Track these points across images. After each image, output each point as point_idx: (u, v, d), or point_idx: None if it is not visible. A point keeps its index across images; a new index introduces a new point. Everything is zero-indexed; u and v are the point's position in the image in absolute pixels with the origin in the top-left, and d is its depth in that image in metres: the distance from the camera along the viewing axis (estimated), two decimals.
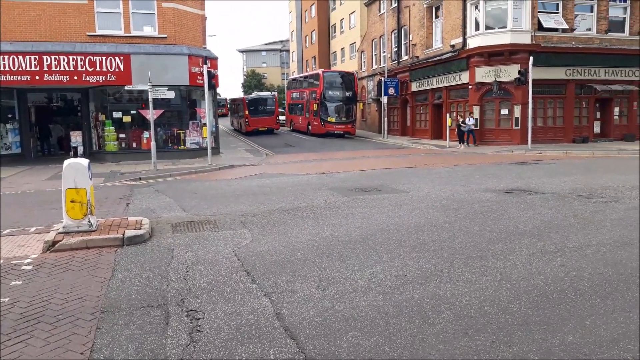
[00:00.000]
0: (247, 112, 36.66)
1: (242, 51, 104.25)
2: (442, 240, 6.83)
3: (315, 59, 58.66)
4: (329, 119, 32.39)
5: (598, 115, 26.12)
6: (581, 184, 11.44)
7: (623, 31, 25.62)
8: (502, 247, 6.39)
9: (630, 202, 9.13)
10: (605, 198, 9.64)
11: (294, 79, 43.52)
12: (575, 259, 5.86)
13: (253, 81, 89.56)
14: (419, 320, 4.28)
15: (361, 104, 38.56)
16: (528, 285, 5.03)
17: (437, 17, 29.22)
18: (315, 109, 32.70)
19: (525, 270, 5.47)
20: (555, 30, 24.38)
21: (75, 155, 18.56)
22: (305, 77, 39.17)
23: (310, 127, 34.17)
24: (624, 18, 25.71)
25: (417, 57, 30.75)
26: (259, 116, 36.65)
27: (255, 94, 45.16)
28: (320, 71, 34.64)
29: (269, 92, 51.02)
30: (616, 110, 26.06)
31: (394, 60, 34.46)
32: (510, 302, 4.61)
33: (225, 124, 47.47)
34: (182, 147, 21.43)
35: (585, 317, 4.25)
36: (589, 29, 25.21)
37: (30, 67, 18.51)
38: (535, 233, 7.07)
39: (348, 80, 33.83)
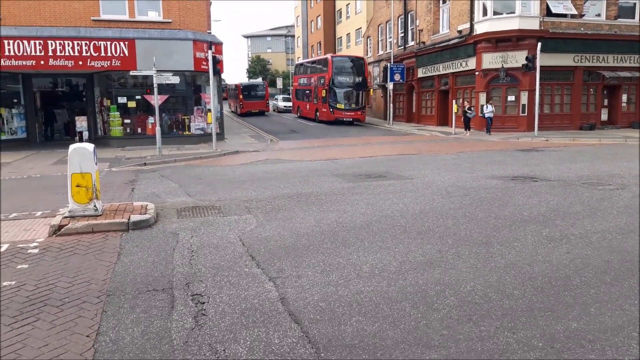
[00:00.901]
0: (241, 96, 43.18)
1: (247, 36, 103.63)
2: (446, 226, 6.82)
3: (320, 44, 58.24)
4: (338, 106, 31.29)
5: (606, 102, 25.87)
6: (588, 171, 11.37)
7: (633, 17, 25.26)
8: (507, 234, 6.38)
9: (637, 190, 9.06)
10: (611, 185, 9.58)
11: (300, 64, 41.90)
12: (580, 246, 5.84)
13: (258, 67, 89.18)
14: (423, 305, 4.29)
15: (371, 90, 36.75)
16: (533, 272, 5.02)
17: (444, 2, 28.88)
18: (323, 95, 31.68)
19: (530, 257, 5.46)
20: (564, 16, 24.06)
21: (81, 140, 18.60)
22: (313, 62, 38.15)
23: (318, 113, 33.34)
24: (635, 4, 25.33)
25: (423, 42, 30.46)
26: (251, 100, 43.11)
27: (248, 82, 52.88)
28: (329, 56, 33.55)
29: (260, 80, 56.76)
30: (624, 97, 25.81)
31: (400, 46, 34.16)
32: (515, 288, 4.61)
33: (224, 107, 47.69)
34: (187, 132, 21.41)
35: (590, 304, 4.24)
36: (598, 15, 24.87)
37: (35, 51, 18.45)
38: (541, 220, 7.05)
39: (358, 65, 32.63)
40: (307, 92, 36.28)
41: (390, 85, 31.30)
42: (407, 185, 10.13)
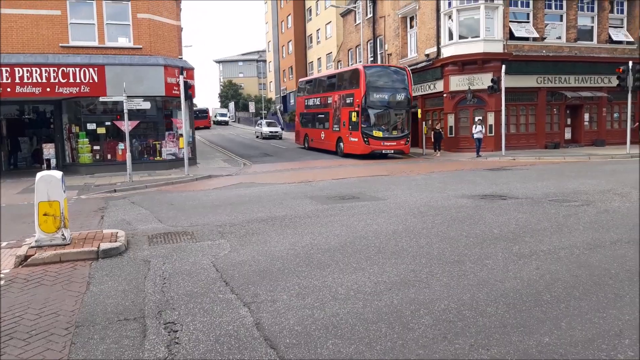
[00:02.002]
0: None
1: (218, 61, 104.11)
2: (420, 246, 6.89)
3: (292, 68, 58.88)
4: (375, 134, 23.00)
5: (569, 121, 26.76)
6: (554, 189, 11.69)
7: (592, 39, 26.41)
8: (479, 252, 6.48)
9: (602, 206, 9.36)
10: (577, 202, 9.86)
11: (309, 81, 32.41)
12: (549, 261, 5.97)
13: (230, 91, 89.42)
14: (398, 325, 4.30)
15: (419, 111, 26.69)
16: (504, 288, 5.10)
17: (411, 27, 29.65)
18: (354, 119, 23.15)
19: (501, 274, 5.55)
20: (527, 39, 24.97)
21: (48, 167, 18.18)
22: (332, 76, 28.45)
23: (342, 144, 24.98)
24: (592, 27, 26.51)
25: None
26: (199, 120, 44.72)
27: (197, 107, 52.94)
28: (359, 66, 24.95)
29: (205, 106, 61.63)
30: (586, 116, 26.75)
31: None
32: (488, 305, 4.67)
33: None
34: (158, 158, 21.19)
35: (561, 319, 4.33)
36: (559, 38, 25.91)
37: (2, 79, 18.12)
38: (511, 237, 7.19)
39: (400, 77, 24.20)
40: (321, 116, 27.99)
41: None
42: (380, 206, 10.22)
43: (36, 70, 18.51)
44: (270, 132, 43.23)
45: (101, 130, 20.24)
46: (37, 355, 3.98)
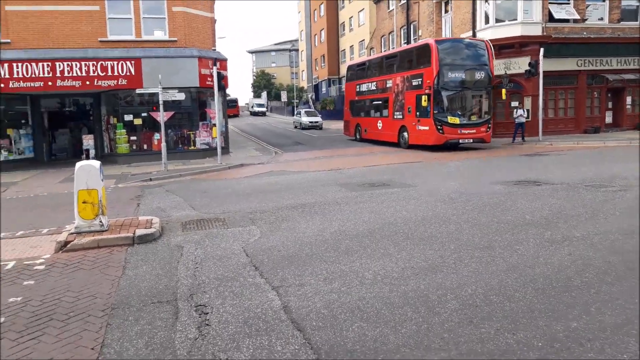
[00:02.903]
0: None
1: (251, 52, 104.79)
2: (449, 232, 6.84)
3: (324, 57, 58.74)
4: (450, 120, 19.36)
5: (610, 105, 25.78)
6: (591, 174, 11.34)
7: (636, 20, 25.25)
8: (510, 238, 6.39)
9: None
10: (614, 187, 9.56)
11: (361, 65, 28.36)
12: (582, 247, 5.84)
13: (263, 81, 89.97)
14: (424, 310, 4.31)
15: (503, 91, 21.86)
16: (534, 274, 5.03)
17: (446, 11, 29.07)
18: (424, 104, 19.41)
19: (531, 260, 5.47)
20: (567, 21, 24.11)
21: (87, 158, 18.81)
22: (391, 56, 24.65)
23: (407, 134, 21.40)
24: (637, 6, 25.33)
25: None
26: (229, 108, 37.66)
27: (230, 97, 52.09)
28: (430, 41, 20.56)
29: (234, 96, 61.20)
30: (628, 99, 25.71)
31: None
32: (516, 290, 4.62)
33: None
34: (193, 147, 21.59)
35: (591, 304, 4.25)
36: (601, 19, 24.88)
37: (43, 73, 18.79)
38: (543, 223, 7.05)
39: (478, 52, 20.24)
40: (377, 102, 24.58)
41: None
42: (410, 192, 10.16)
43: (76, 65, 19.10)
44: (310, 122, 40.80)
45: (138, 122, 20.76)
46: (74, 336, 4.18)
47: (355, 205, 9.14)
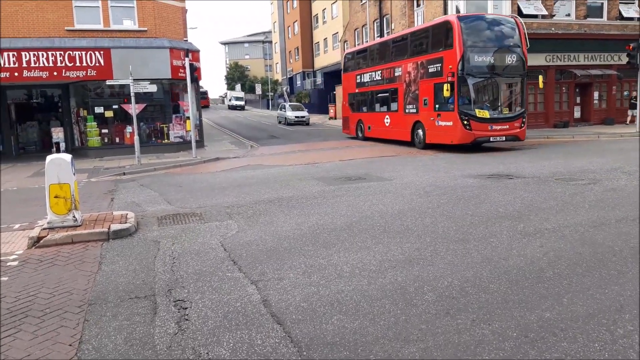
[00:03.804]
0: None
1: (224, 43, 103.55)
2: (425, 225, 6.95)
3: (298, 50, 58.51)
4: (479, 114, 16.03)
5: (578, 100, 26.48)
6: (561, 168, 11.66)
7: (602, 16, 25.94)
8: (484, 230, 6.53)
9: (608, 184, 9.35)
10: (584, 180, 9.86)
11: (361, 52, 24.33)
12: (553, 239, 6.02)
13: (236, 73, 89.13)
14: (402, 302, 4.39)
15: (540, 79, 17.88)
16: (508, 265, 5.17)
17: (418, 5, 29.28)
18: (446, 94, 15.88)
19: (505, 252, 5.62)
20: (535, 16, 24.59)
21: (58, 151, 18.36)
22: (400, 39, 20.49)
23: (422, 131, 18.02)
24: (602, 3, 26.01)
25: None
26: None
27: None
28: (452, 17, 16.92)
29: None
30: (596, 94, 26.45)
31: None
32: (491, 282, 4.75)
33: (211, 116, 47.14)
34: (166, 140, 21.31)
35: (563, 295, 4.39)
36: (568, 15, 25.48)
37: (9, 63, 18.22)
38: (516, 216, 7.23)
39: (509, 32, 16.96)
40: (384, 94, 21.13)
41: None
42: (387, 186, 10.27)
43: (43, 54, 18.59)
44: (296, 117, 37.73)
45: (109, 114, 20.37)
46: (51, 332, 4.11)
47: (332, 199, 9.19)
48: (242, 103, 68.35)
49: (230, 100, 69.40)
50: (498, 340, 3.63)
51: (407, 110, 19.16)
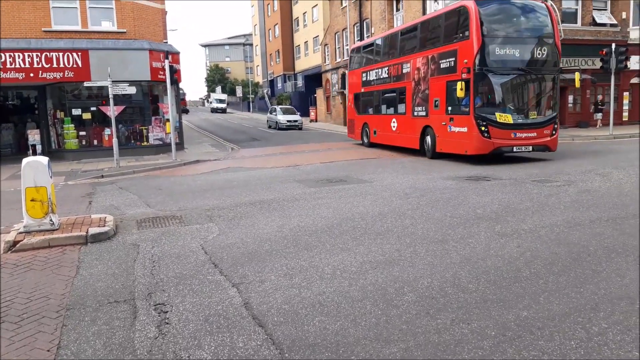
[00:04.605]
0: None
1: (204, 45, 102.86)
2: (405, 226, 7.02)
3: (279, 52, 58.46)
4: (500, 119, 13.39)
5: None
6: (537, 170, 11.89)
7: (576, 22, 26.52)
8: (462, 231, 6.63)
9: (583, 185, 9.56)
10: (559, 182, 10.07)
11: (367, 47, 21.49)
12: (530, 240, 6.14)
13: (217, 75, 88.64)
14: (382, 302, 4.43)
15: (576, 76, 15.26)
16: (486, 266, 5.26)
17: (397, 10, 29.57)
18: (460, 94, 13.31)
19: (483, 252, 5.71)
20: None
21: (34, 154, 18.01)
22: (409, 29, 17.68)
23: (432, 138, 15.40)
24: (576, 9, 26.61)
25: None
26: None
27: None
28: (469, 2, 13.79)
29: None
30: (570, 98, 26.99)
31: None
32: (469, 282, 4.82)
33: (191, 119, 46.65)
34: (145, 143, 21.08)
35: (539, 294, 4.49)
36: None
37: None
38: (493, 217, 7.35)
39: (537, 20, 14.31)
40: (391, 94, 18.45)
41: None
42: (367, 188, 10.34)
43: (19, 56, 18.25)
44: (288, 121, 35.04)
45: (87, 116, 20.07)
46: (29, 338, 4.05)
47: (313, 201, 9.21)
48: (224, 105, 68.38)
49: (211, 102, 68.93)
50: (477, 339, 3.70)
51: (415, 113, 16.45)
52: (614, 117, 22.23)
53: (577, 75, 14.97)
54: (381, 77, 19.31)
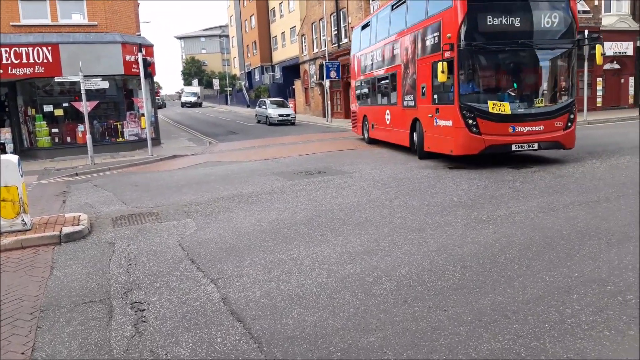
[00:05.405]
0: None
1: (179, 38, 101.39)
2: (383, 216, 7.06)
3: (256, 44, 57.96)
4: (493, 108, 10.39)
5: None
6: (512, 156, 12.01)
7: None
8: (439, 219, 6.69)
9: (556, 171, 9.72)
10: (533, 169, 10.21)
11: (365, 26, 18.36)
12: (505, 225, 6.23)
13: (193, 68, 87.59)
14: (361, 292, 4.45)
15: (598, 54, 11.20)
16: (462, 253, 5.32)
17: None
18: (441, 78, 10.44)
19: (460, 240, 5.77)
20: None
21: (4, 152, 17.59)
22: (401, 1, 14.48)
23: (421, 135, 12.63)
24: None
25: None
26: None
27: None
28: None
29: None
30: None
31: (334, 44, 34.57)
32: (446, 269, 4.87)
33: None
34: (121, 139, 20.73)
35: (514, 279, 4.55)
36: None
37: None
38: (470, 204, 7.43)
39: None
40: (384, 81, 15.90)
41: (326, 83, 31.60)
42: (346, 179, 10.35)
43: None
44: (279, 115, 32.10)
45: (59, 112, 19.62)
46: (3, 341, 3.96)
47: (292, 193, 9.19)
48: (195, 99, 63.30)
49: (181, 96, 64.29)
50: (453, 325, 3.74)
51: (405, 103, 13.72)
52: (587, 103, 22.60)
53: (598, 49, 11.22)
54: (376, 60, 16.44)
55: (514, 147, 10.43)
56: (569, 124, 10.71)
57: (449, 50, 10.38)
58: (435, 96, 11.61)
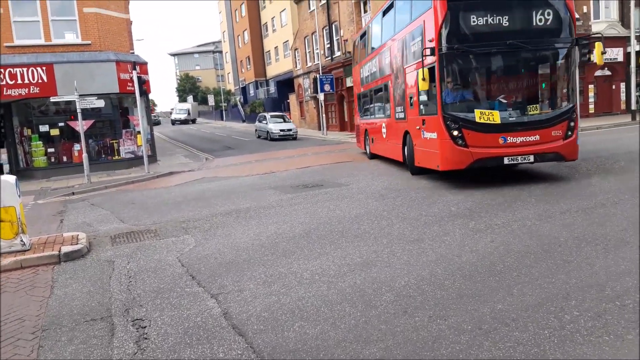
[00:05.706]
0: None
1: (173, 54, 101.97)
2: (381, 227, 7.09)
3: (249, 59, 58.32)
4: (481, 117, 9.38)
5: None
6: None
7: None
8: (437, 229, 6.73)
9: (552, 179, 9.81)
10: (529, 176, 10.29)
11: (362, 36, 17.81)
12: (503, 234, 6.27)
13: (187, 85, 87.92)
14: (361, 304, 4.47)
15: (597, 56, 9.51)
16: (461, 262, 5.35)
17: (365, 11, 29.83)
18: (422, 86, 9.72)
19: (458, 249, 5.81)
20: None
21: (1, 173, 17.56)
22: (389, 6, 13.67)
23: (411, 149, 11.79)
24: None
25: (349, 52, 31.22)
26: None
27: None
28: None
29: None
30: None
31: (327, 57, 34.85)
32: (445, 279, 4.90)
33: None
34: (117, 157, 20.75)
35: (513, 286, 4.59)
36: None
37: None
38: (467, 214, 7.48)
39: None
40: (379, 93, 15.29)
41: (321, 96, 31.74)
42: (343, 192, 10.40)
43: None
44: (281, 130, 30.82)
45: (55, 132, 19.64)
46: None
47: (290, 207, 9.22)
48: (185, 116, 61.57)
49: (172, 113, 62.94)
50: (454, 334, 3.76)
51: (397, 115, 13.04)
52: (580, 110, 22.82)
53: (597, 47, 9.75)
54: (372, 71, 15.66)
55: (506, 161, 9.45)
56: (569, 133, 9.60)
57: (429, 55, 9.59)
58: (421, 107, 10.83)
